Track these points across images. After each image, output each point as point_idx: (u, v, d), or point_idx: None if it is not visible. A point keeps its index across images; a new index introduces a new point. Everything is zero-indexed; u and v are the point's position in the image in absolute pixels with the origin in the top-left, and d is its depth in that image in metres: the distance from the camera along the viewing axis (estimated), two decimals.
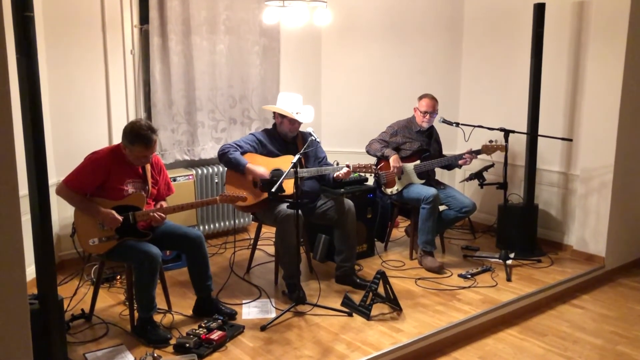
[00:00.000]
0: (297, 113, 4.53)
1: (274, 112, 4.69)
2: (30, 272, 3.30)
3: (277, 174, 4.38)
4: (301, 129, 4.71)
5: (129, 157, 3.78)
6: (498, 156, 5.16)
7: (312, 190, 4.66)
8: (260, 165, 4.46)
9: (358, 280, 4.58)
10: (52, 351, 3.14)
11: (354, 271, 4.67)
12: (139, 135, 3.68)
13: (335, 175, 4.49)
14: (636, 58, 4.89)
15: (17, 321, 2.02)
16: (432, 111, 5.14)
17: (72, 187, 3.72)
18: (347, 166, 4.41)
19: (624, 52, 4.81)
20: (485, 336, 4.01)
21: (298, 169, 4.04)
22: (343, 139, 6.33)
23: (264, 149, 4.62)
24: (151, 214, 3.81)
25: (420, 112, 5.15)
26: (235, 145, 4.55)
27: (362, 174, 5.13)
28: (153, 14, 5.08)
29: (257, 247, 5.01)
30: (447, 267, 5.00)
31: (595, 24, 5.00)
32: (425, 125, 5.19)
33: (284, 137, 4.66)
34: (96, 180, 3.73)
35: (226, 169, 4.63)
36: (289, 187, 4.22)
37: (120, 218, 3.71)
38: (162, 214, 3.85)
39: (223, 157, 4.52)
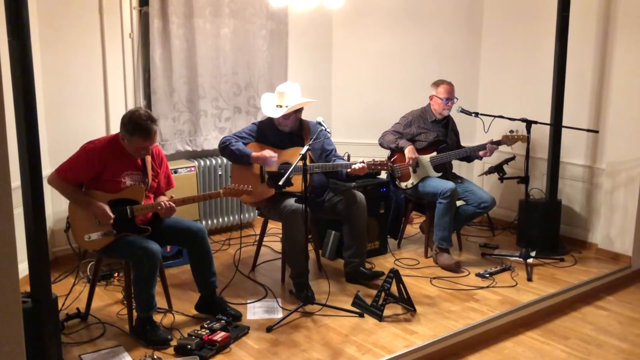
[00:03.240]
0: (278, 106, 4.50)
1: None
2: (23, 268, 3.31)
3: (286, 167, 4.36)
4: (310, 119, 4.69)
5: (128, 148, 3.76)
6: (519, 149, 5.12)
7: (319, 184, 4.63)
8: (266, 150, 4.44)
9: (367, 272, 4.58)
10: (46, 352, 3.15)
11: (364, 265, 4.66)
12: (138, 125, 3.66)
13: (349, 170, 4.44)
14: None
15: (9, 321, 2.01)
16: (452, 97, 5.11)
17: (64, 178, 3.72)
18: (362, 162, 4.37)
19: None
20: (504, 339, 3.99)
21: (310, 165, 4.02)
22: (354, 129, 6.31)
23: (266, 140, 4.60)
24: (162, 204, 3.79)
25: (440, 99, 5.10)
26: (236, 137, 4.54)
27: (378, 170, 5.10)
28: None
29: (263, 243, 5.01)
30: (464, 266, 4.97)
31: (624, 8, 4.95)
32: (445, 113, 5.16)
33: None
34: (90, 171, 3.72)
35: (231, 163, 4.61)
36: (298, 181, 4.19)
37: (111, 215, 3.69)
38: (172, 204, 3.83)
39: (225, 150, 4.51)
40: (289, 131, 4.61)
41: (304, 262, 4.24)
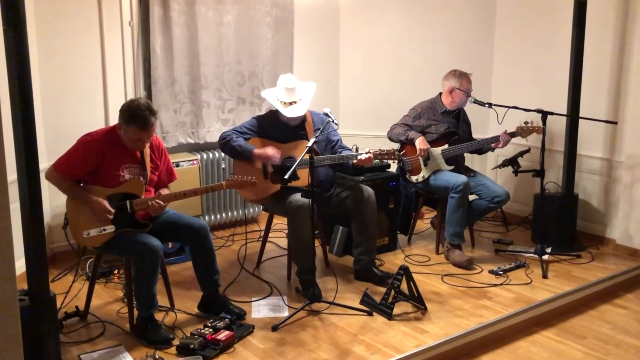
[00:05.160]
0: (292, 103, 4.47)
1: None
2: (20, 265, 3.31)
3: (290, 161, 4.35)
4: (316, 109, 4.68)
5: (124, 138, 3.77)
6: (534, 141, 5.10)
7: (326, 178, 4.62)
8: (269, 147, 4.43)
9: (378, 273, 4.57)
10: (44, 352, 3.16)
11: (374, 264, 4.65)
12: (135, 115, 3.66)
13: (355, 161, 4.43)
14: None
15: (6, 319, 2.01)
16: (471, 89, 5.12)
17: (62, 172, 3.73)
18: (368, 152, 4.36)
19: None
20: (519, 338, 3.97)
21: (316, 157, 4.00)
22: (363, 121, 6.30)
23: (268, 134, 4.58)
24: (150, 202, 3.80)
25: (464, 92, 5.06)
26: (237, 132, 4.53)
27: (385, 161, 5.08)
28: None
29: (268, 239, 5.01)
30: (477, 263, 4.97)
31: None
32: (464, 105, 5.16)
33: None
34: (88, 165, 3.73)
35: (232, 160, 4.60)
36: (304, 175, 4.19)
37: (110, 209, 3.70)
38: (160, 202, 3.84)
39: (225, 145, 4.50)
40: (295, 124, 4.60)
41: (311, 258, 4.24)
